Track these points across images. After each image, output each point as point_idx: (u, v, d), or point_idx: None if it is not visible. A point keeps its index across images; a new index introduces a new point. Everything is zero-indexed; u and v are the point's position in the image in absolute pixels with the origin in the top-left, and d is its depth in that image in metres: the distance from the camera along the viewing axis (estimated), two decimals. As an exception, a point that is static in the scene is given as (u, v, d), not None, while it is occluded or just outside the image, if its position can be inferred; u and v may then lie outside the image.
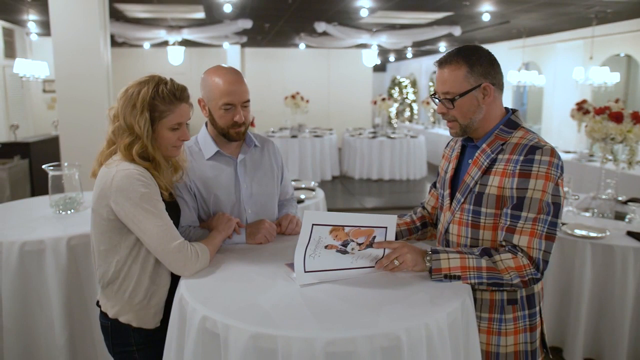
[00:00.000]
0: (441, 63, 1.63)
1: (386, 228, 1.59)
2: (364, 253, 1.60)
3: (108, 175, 1.62)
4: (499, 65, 1.64)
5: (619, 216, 3.42)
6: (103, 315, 1.75)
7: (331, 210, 5.09)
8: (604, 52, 8.63)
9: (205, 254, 1.66)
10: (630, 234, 3.01)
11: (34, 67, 7.30)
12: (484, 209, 1.60)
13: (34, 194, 6.20)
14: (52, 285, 2.24)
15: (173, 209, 1.79)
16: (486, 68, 1.59)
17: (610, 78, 7.75)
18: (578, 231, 3.04)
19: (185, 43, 10.20)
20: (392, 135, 9.83)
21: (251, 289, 1.50)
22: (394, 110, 15.82)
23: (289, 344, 1.20)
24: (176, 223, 1.81)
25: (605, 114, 3.54)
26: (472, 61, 1.58)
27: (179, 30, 9.02)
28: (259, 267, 1.66)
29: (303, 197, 4.12)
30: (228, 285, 1.54)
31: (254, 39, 11.08)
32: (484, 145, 1.63)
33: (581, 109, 5.96)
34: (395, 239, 1.83)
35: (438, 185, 1.91)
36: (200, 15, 8.06)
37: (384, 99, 10.34)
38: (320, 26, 8.46)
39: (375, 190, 8.80)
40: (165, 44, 10.20)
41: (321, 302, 1.40)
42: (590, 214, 3.46)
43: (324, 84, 13.76)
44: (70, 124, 5.06)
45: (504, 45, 11.34)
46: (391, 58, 17.09)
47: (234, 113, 1.88)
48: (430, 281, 1.52)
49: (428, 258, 1.55)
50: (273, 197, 2.11)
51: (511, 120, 1.64)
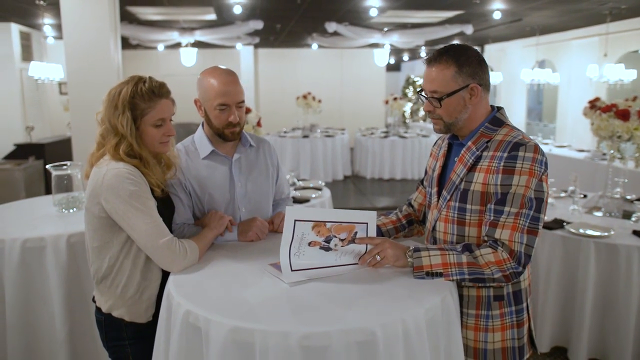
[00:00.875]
0: (430, 61, 1.64)
1: (367, 224, 1.61)
2: (347, 249, 1.62)
3: (99, 175, 1.66)
4: (487, 65, 1.65)
5: (627, 215, 3.37)
6: (97, 310, 1.80)
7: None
8: (619, 49, 8.49)
9: (194, 251, 1.69)
10: (636, 233, 2.97)
11: (48, 70, 7.45)
12: (469, 206, 1.61)
13: (48, 193, 6.31)
14: (53, 281, 2.30)
15: (166, 205, 1.82)
16: (474, 68, 1.59)
17: (626, 75, 7.62)
18: (582, 230, 3.01)
19: (198, 44, 10.29)
20: (404, 134, 9.80)
21: (235, 285, 1.52)
22: (408, 110, 15.77)
23: (265, 337, 1.22)
24: (169, 218, 1.85)
25: (611, 112, 3.50)
26: (461, 61, 1.58)
27: (192, 31, 9.11)
28: (246, 264, 1.69)
29: (314, 196, 4.15)
30: (214, 281, 1.57)
31: (266, 39, 11.14)
32: (470, 143, 1.64)
33: (594, 107, 5.85)
34: (382, 236, 1.85)
35: (425, 183, 1.92)
36: (211, 16, 8.13)
37: (395, 99, 10.31)
38: (331, 26, 8.47)
39: (387, 190, 8.78)
40: (178, 45, 10.31)
41: (301, 298, 1.42)
42: (601, 214, 3.41)
43: (337, 83, 13.76)
44: (82, 125, 5.15)
45: (517, 43, 11.22)
46: (405, 57, 17.02)
47: (229, 113, 1.91)
48: (412, 278, 1.53)
49: (410, 253, 1.56)
50: (267, 197, 2.13)
51: (496, 118, 1.65)
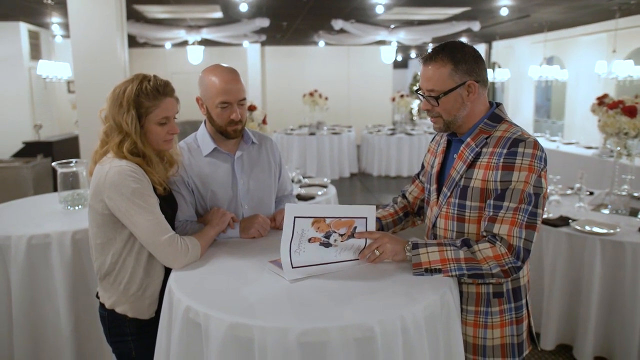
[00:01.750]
0: (426, 60, 1.63)
1: (366, 218, 1.61)
2: (347, 244, 1.62)
3: (102, 172, 1.68)
4: (484, 61, 1.64)
5: (634, 212, 3.35)
6: (101, 306, 1.82)
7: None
8: (628, 45, 8.40)
9: (196, 248, 1.71)
10: (641, 230, 2.95)
11: (57, 68, 7.50)
12: (468, 202, 1.61)
13: (56, 191, 6.37)
14: (58, 277, 2.32)
15: (168, 203, 1.83)
16: (471, 65, 1.59)
17: (635, 71, 7.55)
18: (588, 227, 3.00)
19: (205, 42, 10.32)
20: (411, 131, 9.78)
21: (236, 282, 1.53)
22: (415, 107, 15.71)
23: (264, 333, 1.23)
24: (172, 216, 1.86)
25: (618, 108, 3.47)
26: (457, 59, 1.58)
27: (198, 29, 9.13)
28: (247, 261, 1.70)
29: (319, 193, 4.16)
30: (215, 277, 1.58)
31: (273, 37, 11.14)
32: (469, 140, 1.64)
33: (602, 103, 5.81)
34: (381, 230, 1.85)
35: (423, 178, 1.92)
36: (218, 14, 8.15)
37: (402, 96, 10.28)
38: (338, 23, 8.46)
39: (394, 187, 8.76)
40: (185, 43, 10.34)
41: (300, 294, 1.42)
42: (607, 211, 3.39)
43: (344, 81, 13.74)
44: (89, 123, 5.19)
45: (525, 39, 11.14)
46: (412, 54, 16.97)
47: (231, 111, 1.92)
48: (409, 275, 1.53)
49: (408, 248, 1.56)
50: (270, 193, 2.14)
51: (495, 114, 1.64)
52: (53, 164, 2.72)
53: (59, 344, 2.36)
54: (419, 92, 1.67)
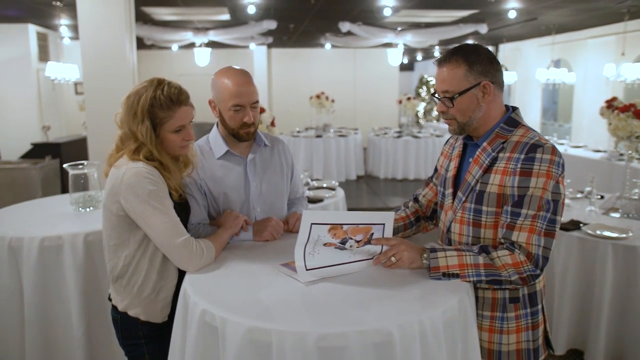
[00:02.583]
0: (440, 62, 1.63)
1: (384, 225, 1.60)
2: (362, 249, 1.61)
3: (118, 173, 1.68)
4: (499, 63, 1.63)
5: (645, 217, 3.32)
6: (114, 309, 1.81)
7: (353, 211, 5.09)
8: (636, 48, 8.36)
9: (211, 251, 1.70)
10: (654, 234, 2.93)
11: (65, 70, 7.53)
12: (485, 208, 1.59)
13: (64, 192, 6.38)
14: (70, 279, 2.32)
15: (183, 210, 1.83)
16: (485, 66, 1.58)
17: (644, 75, 7.51)
18: (600, 231, 2.97)
19: (212, 45, 10.35)
20: (418, 134, 9.76)
21: (251, 285, 1.53)
22: (421, 110, 15.69)
23: (282, 338, 1.22)
24: (185, 222, 1.85)
25: (630, 112, 3.45)
26: (472, 59, 1.57)
27: (205, 32, 9.15)
28: (262, 264, 1.69)
29: (328, 196, 4.14)
30: (230, 280, 1.58)
31: (279, 39, 11.16)
32: (485, 144, 1.63)
33: (611, 106, 5.79)
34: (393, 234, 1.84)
35: (436, 181, 1.90)
36: (225, 17, 8.17)
37: (409, 99, 10.27)
38: (345, 26, 8.46)
39: (400, 190, 8.74)
40: (192, 45, 10.37)
41: (316, 298, 1.41)
42: (618, 215, 3.37)
43: (350, 83, 13.74)
44: (98, 125, 5.20)
45: (532, 42, 11.11)
46: (419, 57, 16.95)
47: (244, 114, 1.91)
48: (429, 279, 1.52)
49: (425, 256, 1.55)
50: (282, 196, 2.14)
51: (511, 119, 1.63)
52: (64, 165, 2.72)
53: (71, 346, 2.36)
54: (435, 95, 1.66)
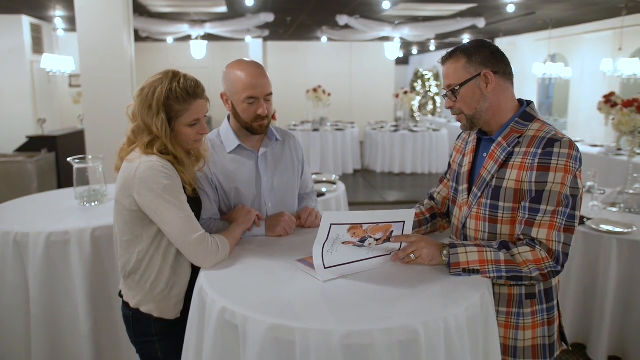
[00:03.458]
0: (444, 60, 1.66)
1: (404, 222, 1.58)
2: (381, 247, 1.60)
3: (132, 167, 1.64)
4: (504, 55, 1.63)
5: (647, 211, 3.34)
6: (125, 305, 1.78)
7: (351, 205, 5.08)
8: (634, 43, 8.39)
9: (226, 246, 1.68)
10: (658, 229, 2.94)
11: (60, 62, 7.45)
12: (501, 203, 1.58)
13: (60, 186, 6.34)
14: (77, 275, 2.29)
15: (196, 205, 1.80)
16: (486, 57, 1.58)
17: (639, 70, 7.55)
18: (604, 226, 2.99)
19: (208, 37, 10.27)
20: (414, 128, 9.76)
21: (270, 282, 1.51)
22: (416, 104, 15.69)
23: (306, 336, 1.20)
24: (198, 216, 1.83)
25: (633, 107, 3.46)
26: (471, 52, 1.59)
27: (202, 24, 9.08)
28: (278, 260, 1.67)
29: (324, 191, 4.12)
30: (247, 277, 1.56)
31: (275, 32, 11.09)
32: (500, 139, 1.61)
33: (609, 101, 5.82)
34: None
35: (449, 177, 1.89)
36: (222, 9, 8.10)
37: (406, 92, 10.26)
38: (342, 19, 8.42)
39: (397, 184, 8.75)
40: (188, 38, 10.29)
41: (339, 296, 1.40)
42: (617, 209, 3.38)
43: (346, 77, 13.70)
44: (95, 118, 5.15)
45: (529, 37, 11.12)
46: (414, 51, 16.93)
47: (258, 106, 1.89)
48: (448, 275, 1.51)
49: (445, 252, 1.54)
50: (293, 191, 2.12)
51: (526, 113, 1.62)
52: (69, 159, 2.68)
53: (77, 343, 2.33)
54: (445, 96, 1.67)
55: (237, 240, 1.79)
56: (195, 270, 1.71)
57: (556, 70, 9.54)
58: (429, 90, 17.36)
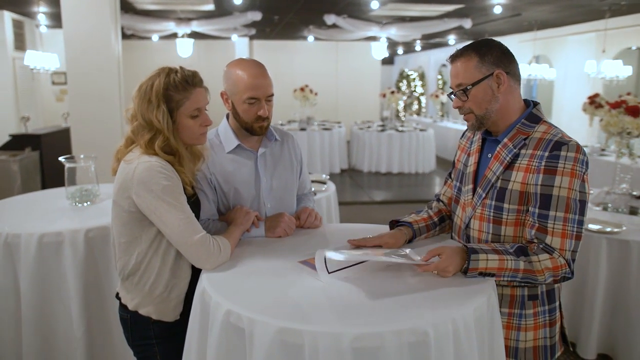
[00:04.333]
0: (453, 58, 1.63)
1: (407, 251, 1.59)
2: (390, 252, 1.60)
3: (130, 168, 1.61)
4: (513, 56, 1.62)
5: (634, 211, 3.39)
6: (123, 308, 1.75)
7: (339, 204, 5.06)
8: (616, 45, 8.53)
9: (227, 248, 1.66)
10: (647, 229, 2.99)
11: (44, 59, 7.31)
12: (506, 205, 1.58)
13: (44, 185, 6.22)
14: (70, 276, 2.24)
15: (195, 206, 1.78)
16: (498, 57, 1.57)
17: (622, 71, 7.68)
18: (593, 226, 3.02)
19: (194, 35, 10.18)
20: (401, 128, 9.80)
21: (274, 284, 1.49)
22: (401, 104, 15.74)
23: (315, 339, 1.19)
24: (197, 217, 1.80)
25: (621, 108, 3.52)
26: (483, 51, 1.57)
27: (188, 22, 9.00)
28: (279, 261, 1.65)
29: (313, 190, 4.09)
30: (250, 279, 1.53)
31: (262, 31, 11.04)
32: (506, 140, 1.61)
33: (593, 102, 5.91)
34: (414, 236, 1.81)
35: (453, 176, 1.89)
36: (209, 7, 8.03)
37: (392, 92, 10.29)
38: (330, 18, 8.42)
39: (384, 184, 8.78)
40: (174, 36, 10.19)
41: (346, 298, 1.38)
42: (601, 208, 3.43)
43: (332, 76, 13.70)
44: (81, 116, 5.08)
45: (514, 38, 11.24)
46: (399, 51, 17.00)
47: (259, 107, 1.86)
48: (454, 276, 1.50)
49: (465, 267, 1.49)
50: (292, 192, 2.10)
51: (533, 114, 1.61)
52: (60, 158, 2.62)
53: (70, 346, 2.28)
54: (451, 95, 1.65)
55: (237, 242, 1.77)
56: (195, 272, 1.69)
57: (540, 72, 9.65)
58: (414, 90, 17.45)
